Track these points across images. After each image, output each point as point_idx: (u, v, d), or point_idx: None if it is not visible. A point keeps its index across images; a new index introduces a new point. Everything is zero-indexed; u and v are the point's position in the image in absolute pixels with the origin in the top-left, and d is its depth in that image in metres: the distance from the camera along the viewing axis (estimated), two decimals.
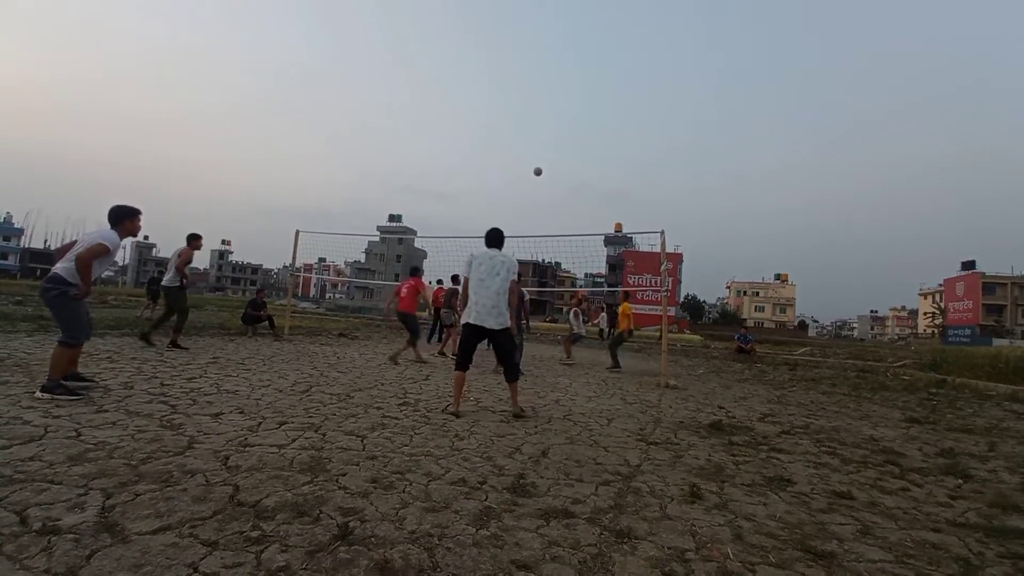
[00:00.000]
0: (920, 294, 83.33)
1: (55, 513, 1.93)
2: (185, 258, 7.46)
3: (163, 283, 7.56)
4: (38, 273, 68.29)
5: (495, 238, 4.67)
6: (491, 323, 4.32)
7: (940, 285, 72.77)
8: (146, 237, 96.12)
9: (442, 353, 9.77)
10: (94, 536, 1.79)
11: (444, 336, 10.49)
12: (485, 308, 4.32)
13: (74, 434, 2.92)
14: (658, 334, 20.59)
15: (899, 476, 3.40)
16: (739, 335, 16.88)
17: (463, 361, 4.47)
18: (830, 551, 2.14)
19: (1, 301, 14.41)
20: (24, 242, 79.56)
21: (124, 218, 4.26)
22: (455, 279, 10.56)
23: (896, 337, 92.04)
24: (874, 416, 5.86)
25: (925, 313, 78.62)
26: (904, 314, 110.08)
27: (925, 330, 74.01)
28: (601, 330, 22.51)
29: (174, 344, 7.26)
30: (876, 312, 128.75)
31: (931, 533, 2.44)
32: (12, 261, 75.66)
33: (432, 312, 12.52)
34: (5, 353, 5.55)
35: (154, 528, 1.88)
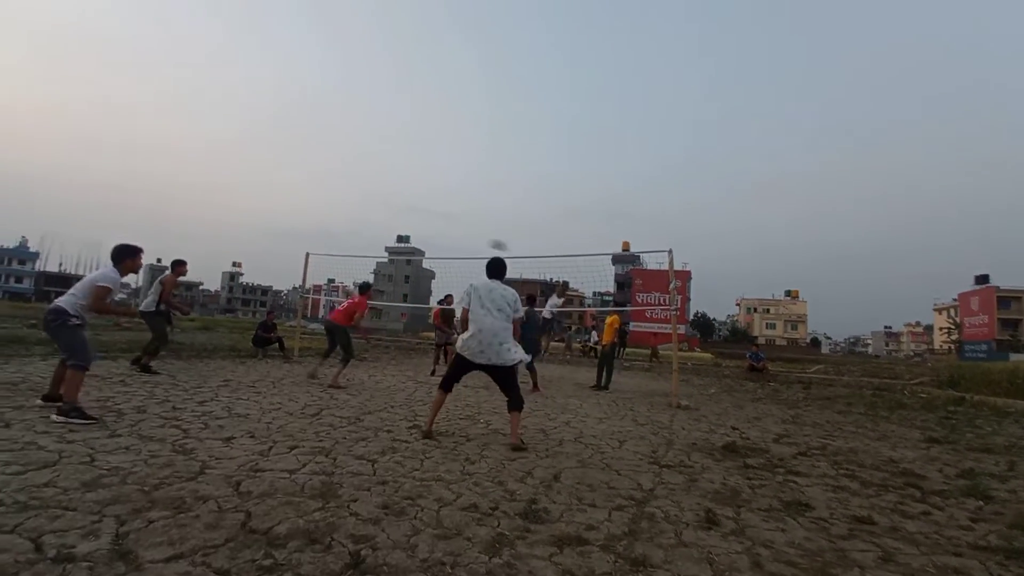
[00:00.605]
0: (935, 309, 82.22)
1: (70, 540, 1.93)
2: (169, 285, 7.41)
3: (141, 308, 7.49)
4: (53, 296, 69.40)
5: (496, 268, 4.48)
6: (492, 359, 4.15)
7: (955, 300, 71.78)
8: (159, 260, 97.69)
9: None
10: (108, 564, 1.79)
11: (435, 354, 10.46)
12: (483, 344, 4.14)
13: (88, 459, 2.93)
14: (668, 352, 20.44)
15: (920, 499, 3.32)
16: (751, 353, 16.66)
17: (448, 383, 4.33)
18: None
19: (15, 324, 14.64)
20: (39, 266, 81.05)
21: (125, 257, 4.44)
22: (446, 299, 10.60)
23: (912, 353, 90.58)
24: (892, 436, 5.74)
25: (940, 328, 77.46)
26: (919, 330, 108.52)
27: (941, 346, 72.81)
28: (592, 347, 23.11)
29: (137, 362, 6.98)
30: (890, 328, 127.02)
31: (952, 557, 2.38)
32: (27, 284, 77.03)
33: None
34: (19, 377, 5.62)
35: (167, 556, 1.87)
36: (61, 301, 4.12)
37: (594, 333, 25.21)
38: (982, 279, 63.33)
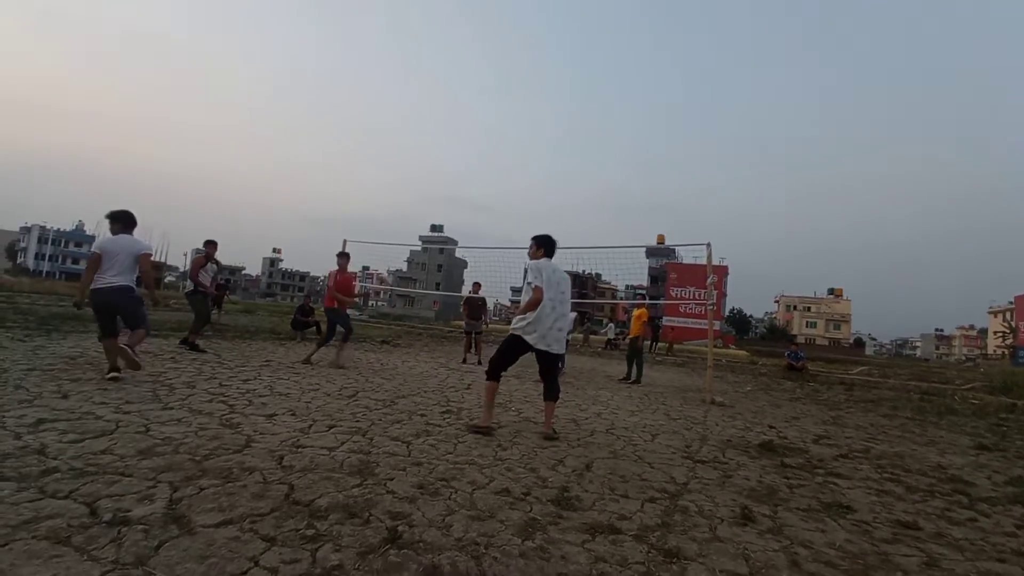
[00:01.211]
0: (990, 312, 77.67)
1: (125, 504, 2.04)
2: (196, 264, 7.64)
3: (186, 291, 7.85)
4: None
5: (554, 246, 4.26)
6: (552, 346, 4.01)
7: (1011, 302, 67.61)
8: (206, 244, 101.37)
9: (480, 363, 9.82)
10: (163, 527, 1.89)
11: (466, 342, 10.52)
12: (550, 330, 3.98)
13: (143, 429, 3.10)
14: (703, 348, 20.06)
15: (967, 506, 3.18)
16: (789, 352, 16.15)
17: (497, 372, 4.06)
18: None
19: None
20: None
21: (134, 223, 4.86)
22: (475, 287, 10.67)
23: (964, 358, 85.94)
24: (941, 442, 5.48)
25: (995, 332, 73.13)
26: (973, 333, 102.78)
27: (995, 351, 68.83)
28: (609, 340, 22.99)
29: (185, 342, 7.25)
30: (941, 331, 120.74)
31: (996, 563, 2.31)
32: (84, 266, 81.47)
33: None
34: (78, 352, 5.98)
35: (217, 521, 1.97)
36: (122, 279, 4.56)
37: (611, 327, 25.13)
38: None
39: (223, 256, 8.66)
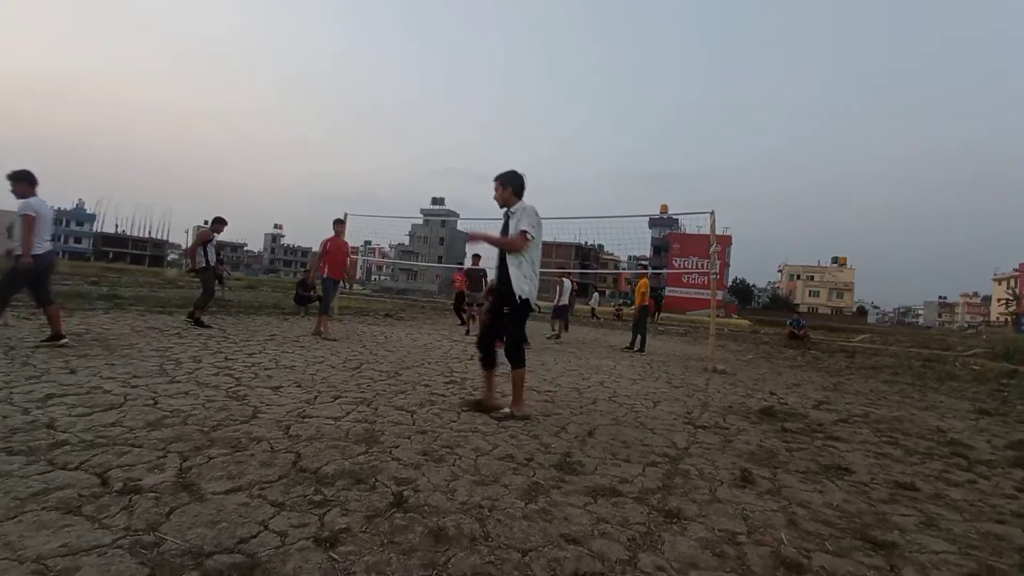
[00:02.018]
0: (994, 279, 77.32)
1: (136, 474, 2.07)
2: (199, 238, 7.59)
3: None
4: (110, 256, 73.42)
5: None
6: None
7: (1016, 270, 67.23)
8: (205, 222, 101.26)
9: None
10: (173, 495, 1.93)
11: (468, 314, 10.55)
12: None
13: (152, 402, 3.15)
14: (705, 318, 20.13)
15: (966, 468, 3.22)
16: (791, 320, 16.20)
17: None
18: (891, 541, 2.05)
19: (77, 282, 15.59)
20: (96, 227, 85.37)
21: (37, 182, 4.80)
22: (475, 259, 10.62)
23: (966, 325, 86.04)
24: (940, 407, 5.53)
25: (999, 299, 72.98)
26: (976, 301, 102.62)
27: (998, 318, 68.83)
28: (593, 310, 23.02)
29: (191, 317, 7.23)
30: (945, 298, 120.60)
31: (995, 525, 2.34)
32: (86, 245, 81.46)
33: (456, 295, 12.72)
34: (83, 329, 6.02)
35: (227, 489, 2.01)
36: (51, 244, 4.83)
37: (596, 296, 25.01)
38: None
39: (228, 233, 8.61)
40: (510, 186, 3.64)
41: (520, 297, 3.48)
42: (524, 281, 3.49)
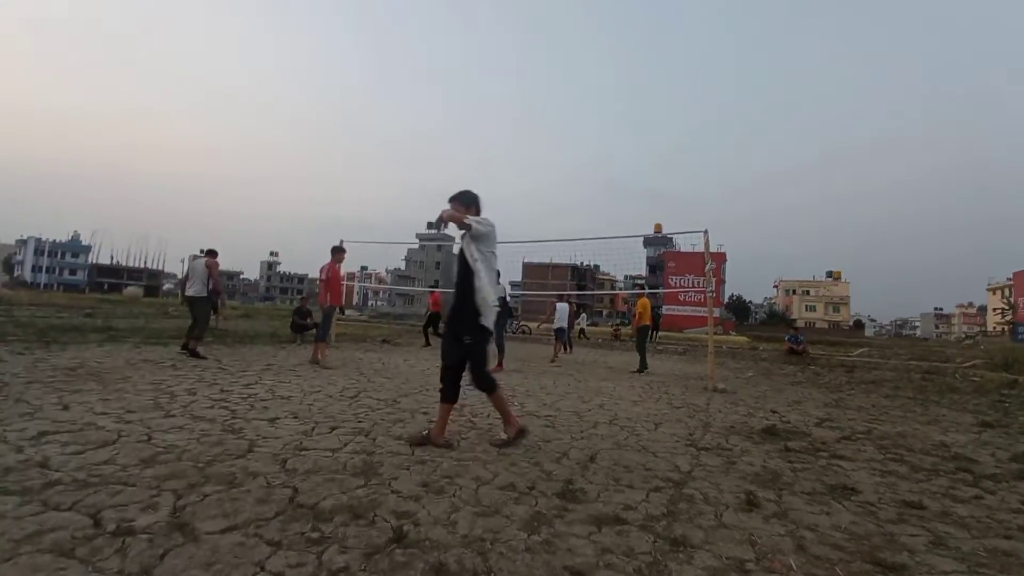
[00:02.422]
0: (988, 289, 77.83)
1: (129, 514, 2.03)
2: (215, 268, 7.74)
3: (189, 293, 7.64)
4: (105, 287, 73.13)
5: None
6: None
7: (1009, 279, 67.74)
8: (202, 251, 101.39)
9: None
10: (167, 536, 1.88)
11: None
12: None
13: (146, 438, 3.10)
14: (704, 336, 20.08)
15: (972, 484, 3.19)
16: (790, 336, 16.20)
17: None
18: (901, 563, 2.02)
19: (72, 314, 15.50)
20: (92, 258, 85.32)
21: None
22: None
23: (963, 336, 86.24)
24: (943, 420, 5.50)
25: (994, 309, 73.42)
26: (972, 311, 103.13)
27: (994, 327, 69.10)
28: (582, 330, 23.03)
29: (186, 348, 7.23)
30: (941, 310, 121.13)
31: (1003, 541, 2.30)
32: (81, 276, 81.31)
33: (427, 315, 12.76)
34: (77, 363, 5.96)
35: (222, 528, 1.97)
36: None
37: (583, 317, 25.01)
38: None
39: (224, 263, 8.82)
40: (473, 205, 3.56)
41: (483, 324, 3.35)
42: (490, 305, 3.35)
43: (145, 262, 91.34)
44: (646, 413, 5.14)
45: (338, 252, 7.74)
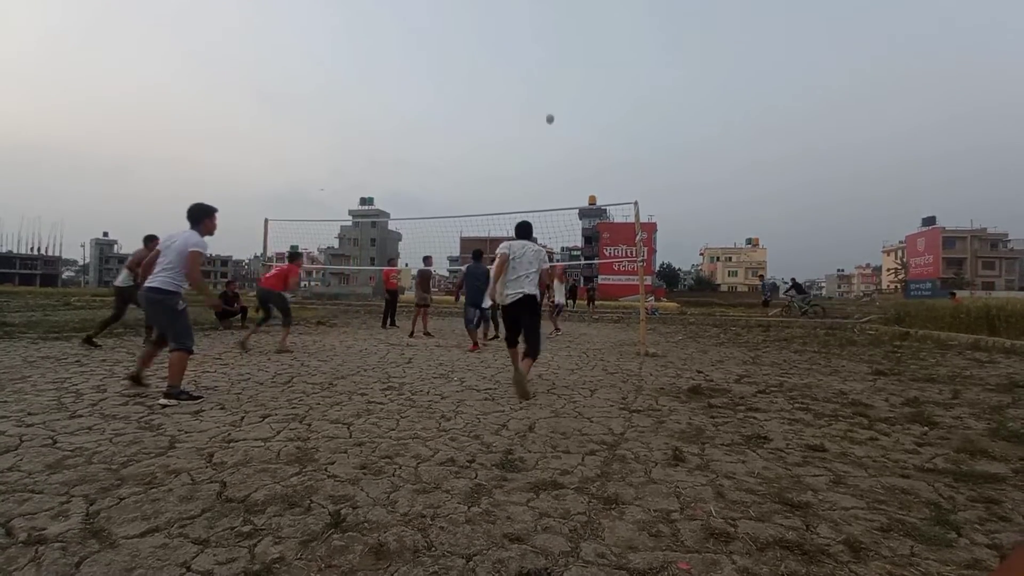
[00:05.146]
0: (883, 251, 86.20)
1: (39, 523, 1.89)
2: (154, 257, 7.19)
3: (117, 283, 7.34)
4: None
5: (525, 230, 4.98)
6: (516, 298, 4.59)
7: (901, 241, 75.34)
8: (105, 234, 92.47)
9: (427, 334, 9.95)
10: (81, 543, 1.76)
11: (415, 316, 10.36)
12: (514, 290, 4.61)
13: (50, 442, 2.84)
14: (636, 303, 20.92)
15: (867, 427, 3.57)
16: (761, 285, 17.23)
17: (512, 339, 4.74)
18: (805, 501, 2.24)
19: None
20: None
21: (204, 216, 4.23)
22: (426, 260, 10.50)
23: (862, 294, 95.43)
24: (843, 371, 6.11)
25: (888, 269, 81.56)
26: (869, 271, 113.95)
27: (889, 286, 76.89)
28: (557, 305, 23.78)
29: (87, 340, 7.02)
30: (843, 271, 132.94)
31: (900, 479, 2.56)
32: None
33: (386, 294, 12.55)
34: None
35: (142, 531, 1.86)
36: (158, 281, 3.98)
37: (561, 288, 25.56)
38: (929, 220, 66.27)
39: (127, 246, 8.10)
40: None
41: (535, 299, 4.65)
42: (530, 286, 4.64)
43: (39, 248, 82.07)
44: (582, 380, 5.33)
45: (297, 258, 8.27)
